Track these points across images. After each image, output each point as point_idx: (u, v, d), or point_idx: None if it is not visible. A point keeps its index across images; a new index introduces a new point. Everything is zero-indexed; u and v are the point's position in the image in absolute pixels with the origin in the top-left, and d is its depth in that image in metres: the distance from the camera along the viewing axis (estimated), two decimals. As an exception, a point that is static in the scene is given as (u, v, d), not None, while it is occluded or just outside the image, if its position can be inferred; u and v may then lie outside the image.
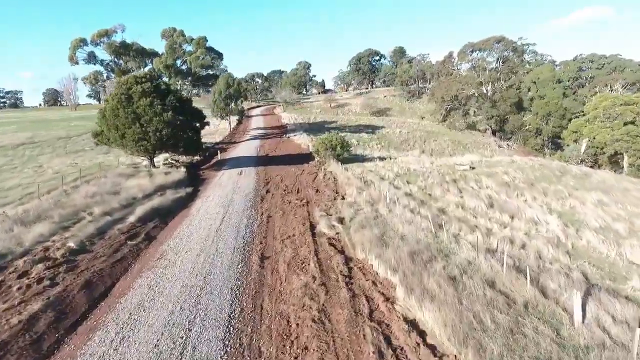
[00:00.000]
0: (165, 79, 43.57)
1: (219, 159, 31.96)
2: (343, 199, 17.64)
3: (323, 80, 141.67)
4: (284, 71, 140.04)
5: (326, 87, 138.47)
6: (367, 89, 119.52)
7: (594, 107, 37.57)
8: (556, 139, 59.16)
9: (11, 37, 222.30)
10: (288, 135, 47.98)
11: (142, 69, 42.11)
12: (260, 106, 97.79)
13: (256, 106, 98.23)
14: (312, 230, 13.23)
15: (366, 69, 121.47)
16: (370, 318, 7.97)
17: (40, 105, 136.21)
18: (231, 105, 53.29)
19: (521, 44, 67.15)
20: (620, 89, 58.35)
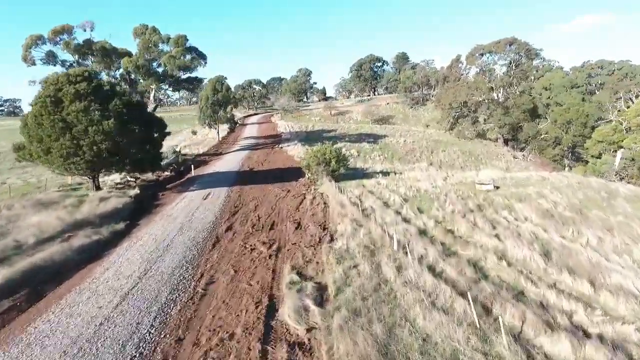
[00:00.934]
0: (142, 81, 38.88)
1: (192, 175, 26.94)
2: (332, 240, 12.54)
3: (324, 87, 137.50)
4: (284, 78, 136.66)
5: (327, 95, 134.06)
6: (369, 96, 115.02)
7: (637, 113, 31.97)
8: (576, 149, 53.92)
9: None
10: (281, 146, 43.14)
11: (114, 72, 37.36)
12: (257, 114, 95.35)
13: (253, 114, 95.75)
14: (268, 321, 7.97)
15: (368, 75, 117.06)
16: None
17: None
18: (220, 112, 48.71)
19: (534, 47, 62.30)
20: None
